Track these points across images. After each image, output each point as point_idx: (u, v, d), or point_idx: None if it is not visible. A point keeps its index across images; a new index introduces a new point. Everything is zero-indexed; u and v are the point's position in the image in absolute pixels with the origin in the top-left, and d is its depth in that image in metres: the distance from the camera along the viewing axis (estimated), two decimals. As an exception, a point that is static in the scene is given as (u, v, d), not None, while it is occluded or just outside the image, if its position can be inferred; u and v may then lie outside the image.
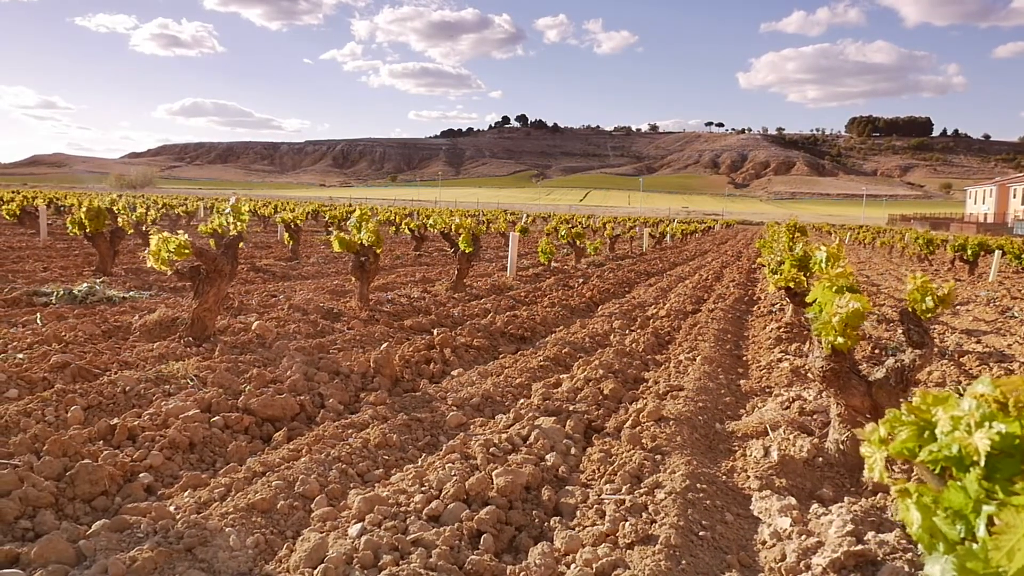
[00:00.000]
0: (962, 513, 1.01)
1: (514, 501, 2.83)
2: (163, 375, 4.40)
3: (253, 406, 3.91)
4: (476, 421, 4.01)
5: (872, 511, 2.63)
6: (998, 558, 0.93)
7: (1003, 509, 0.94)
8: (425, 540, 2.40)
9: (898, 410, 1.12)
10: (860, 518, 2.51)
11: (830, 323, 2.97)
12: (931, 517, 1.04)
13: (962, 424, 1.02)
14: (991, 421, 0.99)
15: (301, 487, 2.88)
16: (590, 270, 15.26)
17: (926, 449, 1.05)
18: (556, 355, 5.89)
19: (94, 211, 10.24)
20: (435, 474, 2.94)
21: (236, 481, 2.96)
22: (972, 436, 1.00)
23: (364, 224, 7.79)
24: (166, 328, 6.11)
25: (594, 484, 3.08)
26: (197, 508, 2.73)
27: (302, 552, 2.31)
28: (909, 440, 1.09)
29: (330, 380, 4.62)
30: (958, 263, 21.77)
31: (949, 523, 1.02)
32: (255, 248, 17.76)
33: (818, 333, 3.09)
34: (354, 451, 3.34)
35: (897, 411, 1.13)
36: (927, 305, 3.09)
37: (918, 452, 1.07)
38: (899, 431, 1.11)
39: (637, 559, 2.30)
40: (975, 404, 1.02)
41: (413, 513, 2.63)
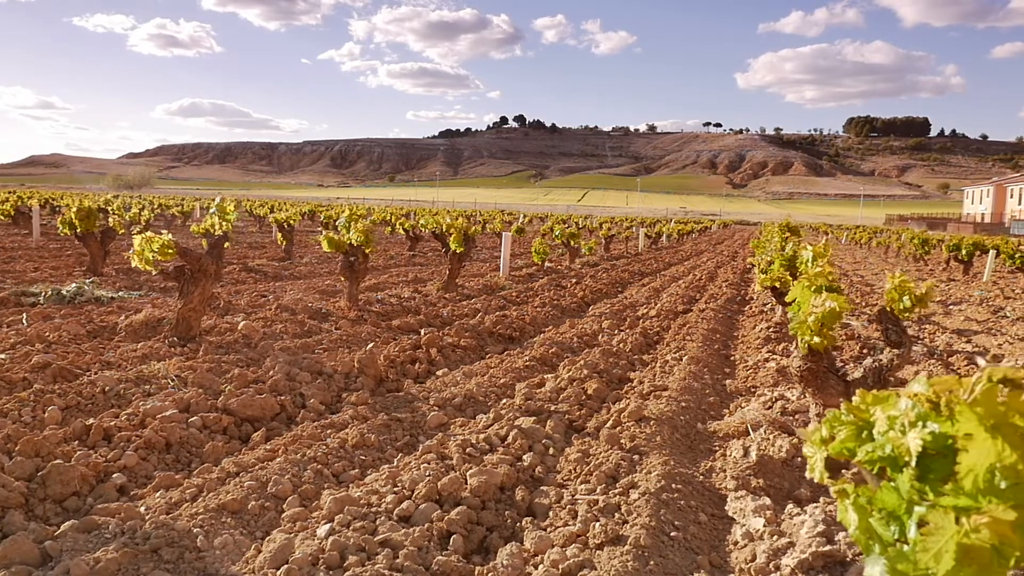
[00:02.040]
0: (896, 514, 0.99)
1: (487, 501, 2.81)
2: (144, 375, 4.38)
3: (232, 406, 3.89)
4: (457, 421, 4.00)
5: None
6: (926, 560, 0.91)
7: (932, 511, 0.93)
8: (393, 541, 2.39)
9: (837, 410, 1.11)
10: (832, 518, 2.50)
11: (806, 323, 2.96)
12: (867, 518, 1.03)
13: (897, 424, 1.01)
14: (925, 421, 0.98)
15: (274, 487, 2.86)
16: (584, 270, 15.25)
17: (863, 449, 1.04)
18: (543, 355, 5.87)
19: (84, 211, 10.21)
20: (409, 474, 2.92)
21: (208, 482, 2.95)
22: (905, 436, 0.98)
23: (353, 224, 7.77)
24: (152, 328, 6.08)
25: (570, 484, 3.07)
26: (167, 509, 2.71)
27: (267, 553, 2.29)
28: (848, 440, 1.08)
29: (312, 380, 4.60)
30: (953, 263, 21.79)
31: (884, 524, 1.01)
32: (249, 248, 17.73)
33: (795, 332, 3.07)
34: (331, 451, 3.32)
35: (837, 411, 1.11)
36: (904, 304, 3.07)
37: (857, 452, 1.06)
38: (839, 431, 1.09)
39: (605, 560, 2.28)
40: (911, 404, 1.01)
41: (384, 514, 2.61)
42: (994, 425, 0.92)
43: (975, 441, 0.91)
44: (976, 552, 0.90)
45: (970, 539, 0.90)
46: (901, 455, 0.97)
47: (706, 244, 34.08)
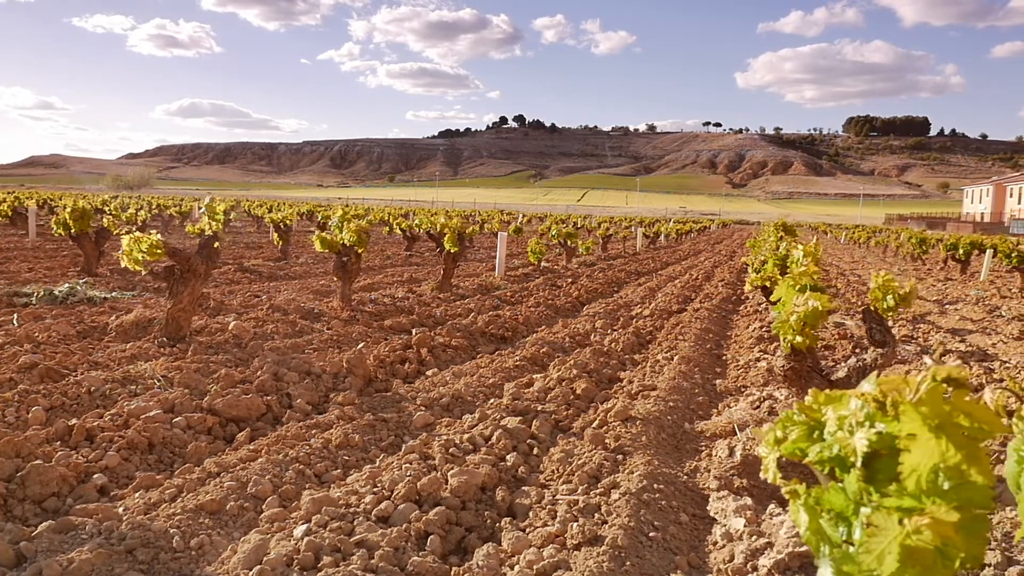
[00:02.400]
0: (844, 515, 0.98)
1: (467, 502, 2.80)
2: (131, 376, 4.37)
3: (218, 406, 3.88)
4: (443, 421, 3.99)
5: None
6: (868, 561, 0.90)
7: (876, 512, 0.92)
8: (369, 541, 2.38)
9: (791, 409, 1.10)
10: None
11: (787, 322, 2.95)
12: (818, 519, 1.02)
13: (846, 424, 1.00)
14: (872, 421, 0.96)
15: (254, 488, 2.85)
16: (580, 270, 15.24)
17: (813, 449, 1.02)
18: (533, 355, 5.86)
19: (79, 211, 10.20)
20: (389, 475, 2.91)
21: (188, 482, 2.94)
22: (853, 436, 0.97)
23: (346, 224, 7.76)
24: (143, 329, 6.07)
25: (552, 485, 3.06)
26: (146, 509, 2.70)
27: (241, 554, 2.28)
28: (799, 440, 1.07)
29: (300, 380, 4.59)
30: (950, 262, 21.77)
31: (833, 525, 0.99)
32: (246, 248, 17.73)
33: (777, 332, 3.06)
34: (313, 452, 3.31)
35: (790, 411, 1.10)
36: (888, 304, 3.06)
37: (808, 452, 1.05)
38: (791, 431, 1.08)
39: (581, 560, 2.27)
40: (860, 404, 1.00)
41: (362, 514, 2.60)
42: (939, 425, 0.91)
43: (918, 441, 0.90)
44: (919, 554, 0.89)
45: (913, 540, 0.89)
46: (847, 455, 0.96)
47: (704, 244, 34.07)
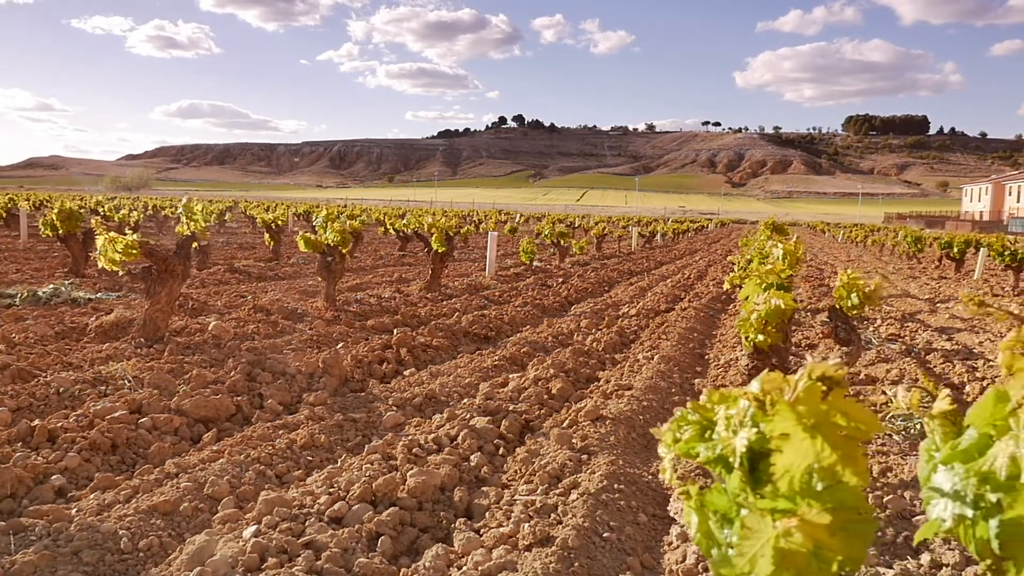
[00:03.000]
0: (729, 517, 0.96)
1: (424, 502, 2.78)
2: (102, 376, 4.35)
3: (185, 407, 3.86)
4: (413, 422, 3.96)
5: (786, 511, 2.59)
6: (741, 564, 0.88)
7: (750, 513, 0.89)
8: (318, 542, 2.36)
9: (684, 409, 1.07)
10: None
11: (748, 320, 2.93)
12: (707, 521, 1.00)
13: (732, 423, 0.97)
14: (756, 421, 0.94)
15: (210, 489, 2.83)
16: (573, 269, 15.22)
17: (702, 449, 1.00)
18: (513, 354, 5.84)
19: (66, 213, 10.17)
20: (348, 475, 2.89)
21: (145, 483, 2.91)
22: (736, 436, 0.95)
23: (329, 224, 7.74)
24: (122, 329, 6.05)
25: (513, 485, 3.03)
26: (99, 510, 2.68)
27: (185, 555, 2.26)
28: (692, 440, 1.04)
29: (273, 380, 4.57)
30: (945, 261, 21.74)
31: (719, 528, 0.97)
32: (239, 249, 17.71)
33: (739, 330, 3.04)
34: (276, 452, 3.29)
35: (686, 409, 1.08)
36: (852, 302, 3.04)
37: (700, 453, 1.03)
38: (685, 431, 1.06)
39: (529, 562, 2.25)
40: (747, 403, 0.97)
41: (315, 515, 2.58)
42: (815, 425, 0.88)
43: (792, 441, 0.88)
44: (793, 557, 0.86)
45: (786, 543, 0.86)
46: (726, 455, 0.94)
47: (701, 243, 34.05)
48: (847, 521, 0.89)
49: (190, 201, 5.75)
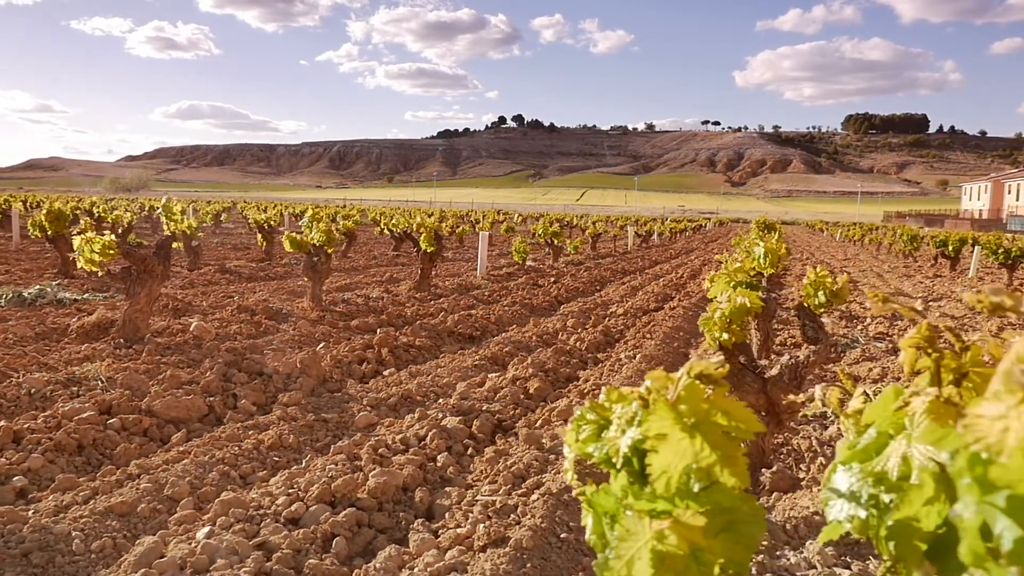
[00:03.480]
0: (617, 518, 0.94)
1: (384, 503, 2.76)
2: (75, 377, 4.33)
3: (156, 407, 3.84)
4: (386, 422, 3.95)
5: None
6: (619, 567, 0.86)
7: (629, 515, 0.87)
8: (270, 543, 2.34)
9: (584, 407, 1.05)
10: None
11: (712, 318, 2.91)
12: (600, 523, 0.98)
13: (622, 423, 0.95)
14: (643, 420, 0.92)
15: (171, 490, 2.81)
16: (567, 269, 15.21)
17: (592, 449, 0.98)
18: (495, 354, 5.82)
19: (54, 213, 10.16)
20: (310, 475, 2.87)
21: (105, 484, 2.90)
22: (623, 436, 0.93)
23: (316, 224, 7.73)
24: (103, 330, 6.03)
25: (478, 485, 3.02)
26: (56, 512, 2.66)
27: (132, 556, 2.24)
28: (589, 440, 1.02)
29: (249, 381, 4.55)
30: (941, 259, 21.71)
31: (609, 528, 0.95)
32: (232, 249, 17.70)
33: (702, 328, 3.02)
34: (242, 453, 3.27)
35: (585, 408, 1.06)
36: (819, 300, 3.02)
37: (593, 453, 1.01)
38: (584, 430, 1.04)
39: (481, 563, 2.23)
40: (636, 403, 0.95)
41: (271, 516, 2.56)
42: (695, 424, 0.86)
43: (669, 441, 0.86)
44: (671, 560, 0.84)
45: (663, 546, 0.84)
46: (610, 455, 0.92)
47: (698, 242, 34.03)
48: (729, 523, 0.87)
49: (169, 201, 5.73)
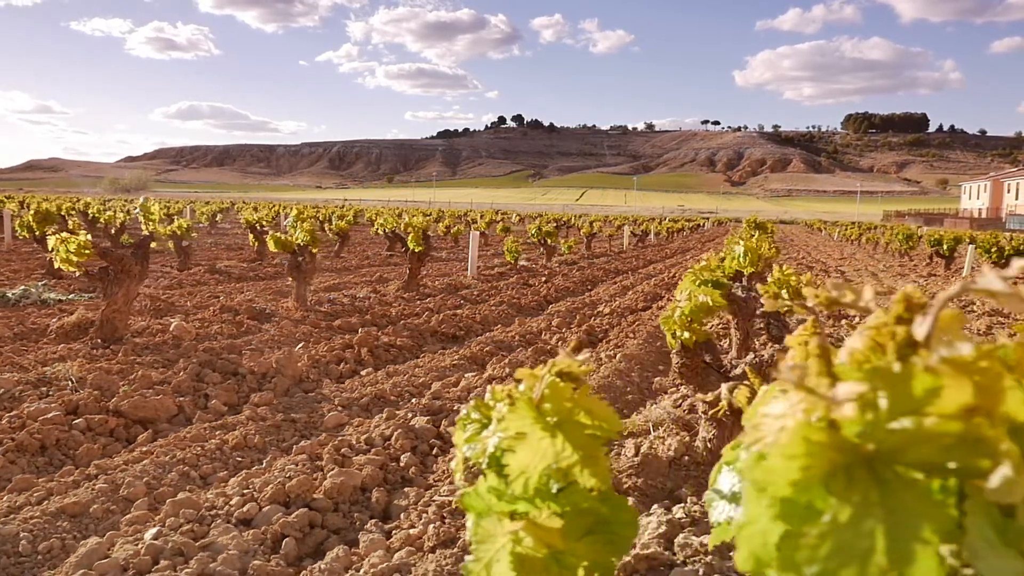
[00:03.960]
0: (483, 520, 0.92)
1: (340, 503, 2.74)
2: (46, 377, 4.31)
3: (123, 408, 3.82)
4: (355, 422, 3.92)
5: (704, 511, 2.55)
6: (477, 570, 0.84)
7: (489, 516, 0.85)
8: (217, 544, 2.32)
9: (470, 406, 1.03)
10: (678, 521, 2.42)
11: (672, 317, 2.88)
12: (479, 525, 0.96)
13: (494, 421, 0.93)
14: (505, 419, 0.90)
15: (126, 490, 2.79)
16: (560, 268, 15.18)
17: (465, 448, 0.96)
18: (475, 354, 5.80)
19: (42, 214, 10.14)
20: (266, 476, 2.85)
21: (60, 484, 2.87)
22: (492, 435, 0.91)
23: (300, 224, 7.71)
24: (83, 330, 6.01)
25: (439, 485, 2.99)
26: (8, 512, 2.64)
27: (74, 558, 2.22)
28: (471, 439, 1.00)
29: (222, 381, 4.53)
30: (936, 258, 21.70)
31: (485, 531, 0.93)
32: (226, 250, 17.67)
33: (663, 327, 3.00)
34: (205, 453, 3.25)
35: (471, 406, 1.04)
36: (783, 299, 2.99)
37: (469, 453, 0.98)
38: (468, 429, 1.02)
39: (427, 563, 2.21)
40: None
41: (223, 516, 2.54)
42: (557, 423, 0.84)
43: (529, 441, 0.84)
44: (531, 562, 0.82)
45: (521, 548, 0.82)
46: (476, 456, 0.90)
47: (695, 242, 34.00)
48: (595, 525, 0.85)
49: (147, 202, 5.71)
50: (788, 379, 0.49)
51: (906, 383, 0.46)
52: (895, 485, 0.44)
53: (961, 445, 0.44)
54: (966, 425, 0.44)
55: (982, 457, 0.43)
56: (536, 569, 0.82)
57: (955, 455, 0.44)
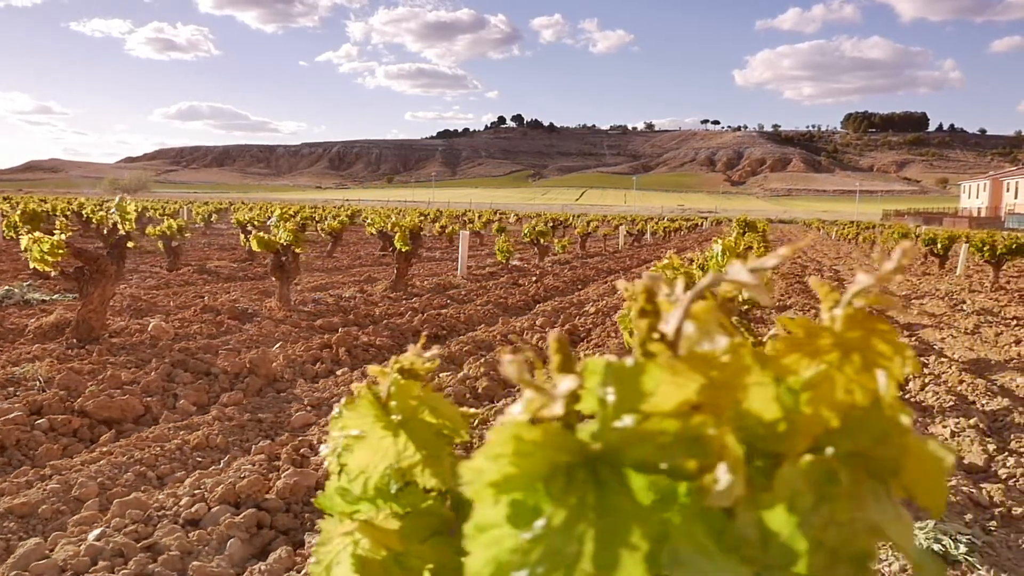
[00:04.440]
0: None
1: (293, 504, 2.72)
2: (14, 377, 4.29)
3: (88, 408, 3.79)
4: (321, 422, 3.90)
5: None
6: (318, 572, 0.81)
7: (329, 517, 0.83)
8: (160, 545, 2.30)
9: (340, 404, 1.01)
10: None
11: (627, 315, 2.86)
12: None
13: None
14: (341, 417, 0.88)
15: (78, 491, 2.77)
16: (552, 268, 15.16)
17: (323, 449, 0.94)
18: (452, 353, 5.78)
19: (29, 214, 10.12)
20: (220, 476, 2.82)
21: (13, 484, 2.85)
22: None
23: (283, 224, 7.69)
24: (61, 330, 5.99)
25: (395, 486, 2.97)
26: (-44, 514, 2.62)
27: (13, 557, 2.20)
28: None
29: (193, 381, 4.51)
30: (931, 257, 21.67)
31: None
32: (219, 250, 17.66)
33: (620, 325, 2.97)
34: (164, 453, 3.23)
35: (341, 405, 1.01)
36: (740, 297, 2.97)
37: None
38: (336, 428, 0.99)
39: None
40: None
41: (171, 517, 2.52)
42: (402, 422, 0.82)
43: (370, 439, 0.81)
44: (371, 564, 0.80)
45: (361, 550, 0.80)
46: (327, 456, 0.87)
47: (692, 241, 33.97)
48: (441, 526, 0.83)
49: (122, 201, 5.69)
50: (508, 374, 0.47)
51: (635, 379, 0.44)
52: (612, 487, 0.42)
53: (677, 444, 0.41)
54: (683, 424, 0.42)
55: (697, 457, 0.41)
56: (376, 571, 0.79)
57: (670, 455, 0.41)
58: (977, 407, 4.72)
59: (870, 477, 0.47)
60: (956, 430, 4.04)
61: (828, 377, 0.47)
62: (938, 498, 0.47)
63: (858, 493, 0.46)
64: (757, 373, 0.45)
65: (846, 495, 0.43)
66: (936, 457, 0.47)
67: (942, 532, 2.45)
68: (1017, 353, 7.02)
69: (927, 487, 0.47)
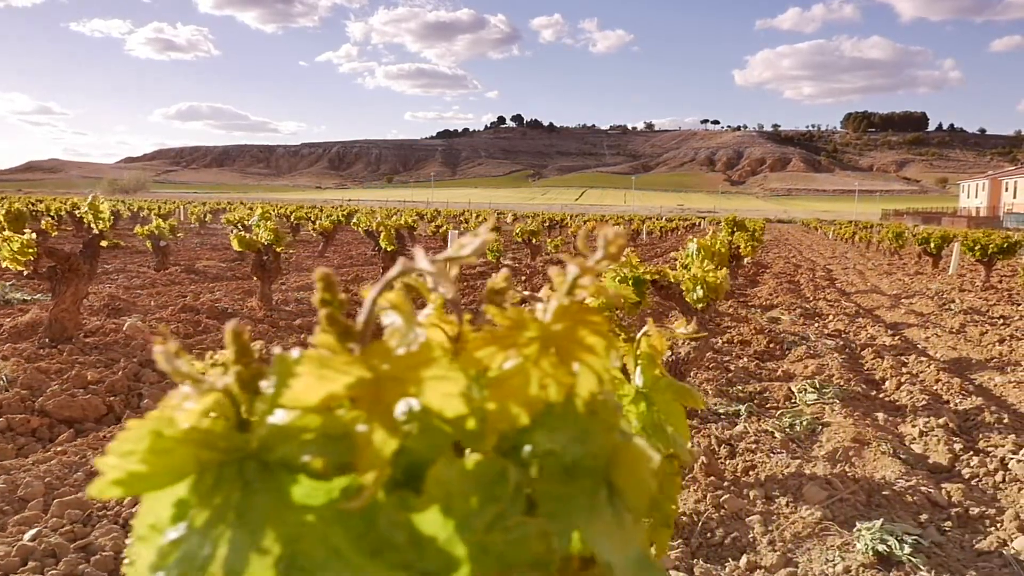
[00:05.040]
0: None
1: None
2: (-22, 377, 4.26)
3: (49, 407, 3.77)
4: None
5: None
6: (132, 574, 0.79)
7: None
8: (94, 545, 2.28)
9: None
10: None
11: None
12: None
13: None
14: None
15: (23, 491, 2.74)
16: (543, 268, 15.15)
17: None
18: (428, 353, 5.75)
19: (13, 213, 10.09)
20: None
21: (-43, 486, 2.83)
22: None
23: (264, 223, 7.67)
24: (35, 330, 5.97)
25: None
26: None
27: (-62, 561, 2.18)
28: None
29: (159, 380, 4.49)
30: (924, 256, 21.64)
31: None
32: (209, 250, 17.63)
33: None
34: (117, 454, 3.20)
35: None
36: (698, 295, 2.95)
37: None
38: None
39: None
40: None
41: (110, 517, 2.50)
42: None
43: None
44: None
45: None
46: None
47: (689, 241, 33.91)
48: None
49: (95, 199, 5.67)
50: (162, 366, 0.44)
51: (290, 373, 0.42)
52: (256, 487, 0.39)
53: (318, 441, 0.39)
54: (327, 419, 0.40)
55: (335, 456, 0.39)
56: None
57: (309, 452, 0.39)
58: (950, 406, 4.70)
59: (580, 478, 0.45)
60: (924, 429, 4.01)
61: (521, 371, 0.45)
62: (642, 499, 0.45)
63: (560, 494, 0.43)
64: (440, 367, 0.43)
65: (516, 497, 0.40)
66: (642, 457, 0.45)
67: (888, 532, 2.42)
68: (999, 352, 6.99)
69: (633, 487, 0.45)
